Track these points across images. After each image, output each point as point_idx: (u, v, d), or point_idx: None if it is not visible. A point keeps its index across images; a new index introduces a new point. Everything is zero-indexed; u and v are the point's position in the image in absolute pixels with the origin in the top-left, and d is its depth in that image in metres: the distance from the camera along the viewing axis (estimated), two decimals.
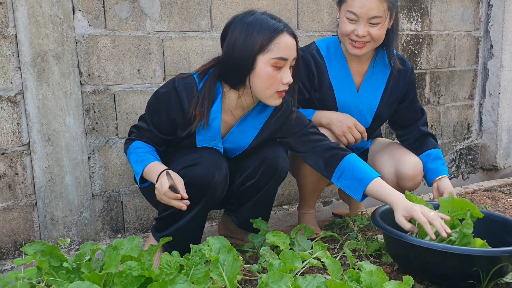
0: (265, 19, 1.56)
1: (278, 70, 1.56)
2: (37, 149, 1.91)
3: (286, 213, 2.55)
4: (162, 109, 1.63)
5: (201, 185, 1.59)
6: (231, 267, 1.25)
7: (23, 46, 1.84)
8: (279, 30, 1.54)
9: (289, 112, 1.75)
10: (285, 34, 1.55)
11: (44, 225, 1.96)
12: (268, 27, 1.54)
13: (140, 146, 1.66)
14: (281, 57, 1.54)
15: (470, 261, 1.38)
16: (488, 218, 1.68)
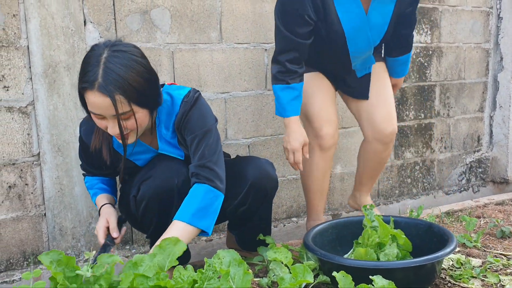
0: (87, 64, 1.41)
1: (101, 120, 1.46)
2: (47, 160, 1.91)
3: (295, 226, 2.53)
4: (86, 157, 1.71)
5: (164, 194, 1.59)
6: (242, 280, 1.24)
7: (35, 57, 1.86)
8: (84, 87, 1.40)
9: (184, 114, 1.60)
10: (91, 92, 1.39)
11: (53, 236, 1.96)
12: (82, 78, 1.42)
13: (87, 181, 1.78)
14: (92, 112, 1.45)
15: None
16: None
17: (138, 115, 1.46)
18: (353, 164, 2.72)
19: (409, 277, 1.51)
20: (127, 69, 1.40)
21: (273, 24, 2.37)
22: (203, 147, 1.58)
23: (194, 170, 1.57)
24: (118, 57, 1.40)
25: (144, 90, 1.44)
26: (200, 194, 1.53)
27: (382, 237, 1.63)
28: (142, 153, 1.67)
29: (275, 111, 1.98)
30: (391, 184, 2.90)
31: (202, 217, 1.51)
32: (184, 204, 1.53)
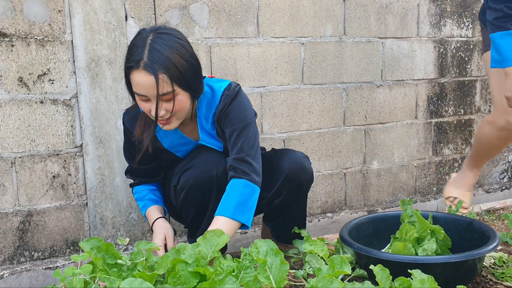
0: (135, 45, 1.47)
1: (146, 102, 1.49)
2: (89, 151, 1.98)
3: (330, 221, 2.52)
4: (130, 147, 1.72)
5: (204, 183, 1.61)
6: (279, 270, 1.24)
7: (78, 51, 1.92)
8: (130, 66, 1.45)
9: (226, 106, 1.62)
10: (137, 71, 1.44)
11: (94, 225, 2.02)
12: (128, 58, 1.47)
13: (136, 191, 1.78)
14: (137, 93, 1.48)
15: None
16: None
17: (179, 97, 1.49)
18: (390, 160, 2.68)
19: (449, 273, 1.48)
20: (171, 50, 1.45)
21: (310, 18, 2.37)
22: (241, 140, 1.60)
23: (232, 163, 1.59)
24: (163, 39, 1.46)
25: (186, 72, 1.48)
26: (238, 189, 1.55)
27: (421, 232, 1.61)
28: (183, 145, 1.71)
29: (490, 63, 1.83)
30: (429, 181, 2.84)
31: (242, 211, 1.54)
32: (224, 199, 1.56)
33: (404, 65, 2.64)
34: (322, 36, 2.41)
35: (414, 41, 2.66)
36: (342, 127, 2.53)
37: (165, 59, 1.43)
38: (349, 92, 2.52)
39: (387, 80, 2.61)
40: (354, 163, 2.59)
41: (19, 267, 1.90)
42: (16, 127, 1.88)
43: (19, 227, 1.92)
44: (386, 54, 2.59)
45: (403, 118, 2.69)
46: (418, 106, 2.73)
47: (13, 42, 1.84)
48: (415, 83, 2.70)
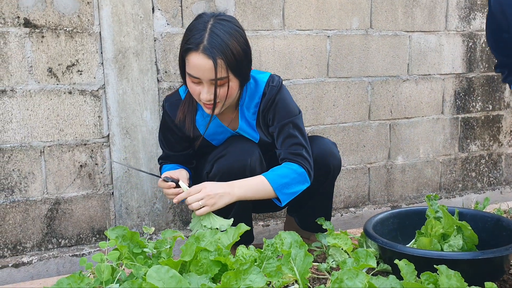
0: (196, 28, 1.50)
1: (197, 84, 1.52)
2: (115, 142, 2.01)
3: (353, 216, 2.50)
4: (166, 132, 1.75)
5: (237, 172, 1.62)
6: (303, 262, 1.25)
7: (106, 43, 1.94)
8: (190, 48, 1.49)
9: (272, 97, 1.66)
10: (195, 53, 1.47)
11: (119, 214, 2.06)
12: (188, 40, 1.50)
13: (164, 167, 1.83)
14: (191, 74, 1.51)
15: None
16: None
17: (232, 83, 1.53)
18: (414, 156, 2.64)
19: (475, 270, 1.46)
20: (231, 37, 1.49)
21: (336, 10, 2.35)
22: (296, 136, 1.65)
23: (289, 157, 1.63)
24: (223, 25, 1.50)
25: (241, 59, 1.51)
26: (294, 172, 1.61)
27: (447, 228, 1.58)
28: (220, 133, 1.73)
29: None
30: (454, 178, 2.80)
31: (286, 191, 1.59)
32: (278, 171, 1.60)
33: (431, 59, 2.60)
34: (348, 29, 2.39)
35: (442, 35, 2.61)
36: (367, 122, 2.51)
37: (224, 45, 1.46)
38: (374, 86, 2.49)
39: (413, 75, 2.57)
40: (379, 158, 2.57)
41: (47, 254, 1.95)
42: (45, 117, 1.92)
43: (47, 214, 1.97)
44: (413, 48, 2.54)
45: (429, 113, 2.64)
46: (445, 101, 2.68)
47: (43, 34, 1.88)
48: (442, 77, 2.65)
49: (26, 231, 1.94)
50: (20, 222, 1.93)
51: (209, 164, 1.69)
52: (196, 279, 1.15)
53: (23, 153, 1.91)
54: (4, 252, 1.92)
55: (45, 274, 1.92)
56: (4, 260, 1.90)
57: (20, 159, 1.90)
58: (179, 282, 1.07)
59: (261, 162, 1.66)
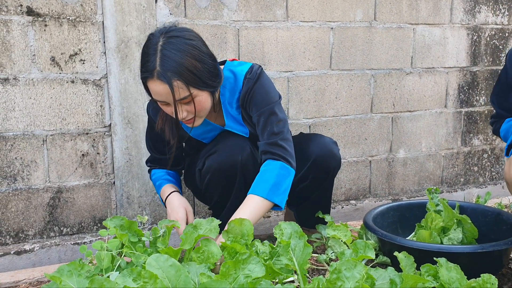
0: (146, 53, 1.46)
1: (166, 106, 1.50)
2: (117, 131, 2.01)
3: (353, 208, 2.51)
4: (152, 136, 1.75)
5: (228, 168, 1.62)
6: (302, 253, 1.25)
7: (109, 32, 1.94)
8: (145, 77, 1.47)
9: (249, 89, 1.61)
10: (152, 81, 1.44)
11: (120, 203, 2.07)
12: (142, 68, 1.48)
13: (154, 173, 1.82)
14: (155, 99, 1.50)
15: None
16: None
17: (198, 98, 1.49)
18: (416, 149, 2.64)
19: (474, 263, 1.46)
20: (183, 54, 1.43)
21: (340, 2, 2.34)
22: (272, 124, 1.59)
23: (265, 148, 1.59)
24: (173, 43, 1.43)
25: (201, 73, 1.46)
26: (275, 170, 1.55)
27: (447, 221, 1.58)
28: (209, 131, 1.72)
29: None
30: (456, 172, 2.79)
31: (276, 192, 1.54)
32: (259, 179, 1.56)
33: (435, 52, 2.58)
34: (352, 21, 2.37)
35: (447, 28, 2.59)
36: (369, 114, 2.50)
37: (178, 65, 1.41)
38: (377, 78, 2.48)
39: (417, 68, 2.56)
40: (380, 151, 2.56)
41: (49, 242, 1.96)
42: (48, 106, 1.92)
43: (49, 203, 1.98)
44: (417, 40, 2.53)
45: (432, 107, 2.64)
46: (448, 94, 2.67)
47: (46, 22, 1.88)
48: (446, 71, 2.64)
49: (28, 219, 1.96)
50: (23, 210, 1.94)
51: (200, 161, 1.69)
52: (195, 268, 1.16)
53: (26, 142, 1.91)
54: (6, 239, 1.94)
55: (47, 261, 1.93)
56: (6, 247, 1.91)
57: (22, 147, 1.91)
58: (178, 270, 1.08)
59: (253, 158, 1.65)
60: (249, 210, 1.50)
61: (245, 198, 1.55)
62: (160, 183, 1.79)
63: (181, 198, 1.71)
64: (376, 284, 1.15)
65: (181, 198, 1.71)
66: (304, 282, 1.24)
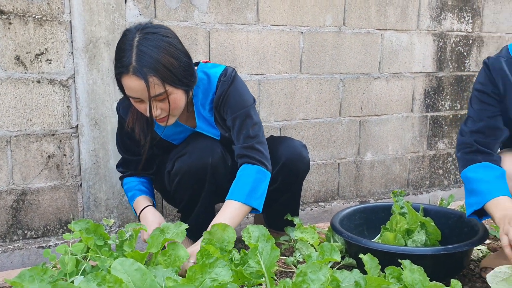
0: (121, 49, 1.45)
1: (140, 103, 1.49)
2: (84, 132, 1.98)
3: (322, 210, 2.54)
4: (124, 137, 1.72)
5: (198, 170, 1.62)
6: (269, 255, 1.26)
7: (77, 32, 1.91)
8: (120, 72, 1.45)
9: (223, 92, 1.62)
10: (127, 76, 1.43)
11: (87, 206, 2.03)
12: (117, 63, 1.47)
13: (126, 182, 1.78)
14: (129, 96, 1.48)
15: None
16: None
17: (173, 96, 1.48)
18: (383, 152, 2.69)
19: (437, 265, 1.51)
20: (159, 51, 1.42)
21: (310, 7, 2.36)
22: (247, 127, 1.61)
23: (242, 152, 1.59)
24: (150, 40, 1.43)
25: (177, 70, 1.46)
26: (252, 175, 1.56)
27: (411, 223, 1.63)
28: (180, 133, 1.71)
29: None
30: (422, 175, 2.86)
31: (254, 196, 1.55)
32: (236, 183, 1.57)
33: (402, 57, 2.65)
34: (322, 26, 2.41)
35: (414, 34, 2.66)
36: (338, 118, 2.54)
37: (154, 61, 1.40)
38: (346, 83, 2.52)
39: (384, 73, 2.62)
40: (348, 154, 2.60)
41: (12, 245, 1.91)
42: (12, 106, 1.88)
43: (13, 205, 1.93)
44: (385, 46, 2.59)
45: (398, 111, 2.70)
46: (415, 99, 2.74)
47: (11, 20, 1.83)
48: (412, 76, 2.70)
49: None
50: None
51: (170, 162, 1.68)
52: (162, 272, 1.15)
53: None
54: None
55: (9, 266, 1.88)
56: None
57: None
58: (144, 274, 1.07)
59: (224, 160, 1.66)
60: (228, 216, 1.51)
61: (224, 204, 1.56)
62: (133, 194, 1.75)
63: (155, 213, 1.69)
64: (341, 286, 1.17)
65: (155, 213, 1.68)
66: (271, 285, 1.25)
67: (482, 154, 1.53)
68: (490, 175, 1.48)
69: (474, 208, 1.48)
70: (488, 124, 1.54)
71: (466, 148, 1.56)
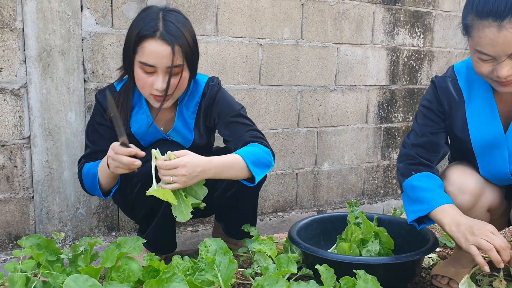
0: (149, 17, 1.51)
1: (149, 74, 1.51)
2: (37, 143, 1.92)
3: (281, 220, 2.56)
4: (96, 125, 1.70)
5: None
6: (227, 269, 1.26)
7: (30, 40, 1.85)
8: (147, 34, 1.48)
9: (213, 95, 1.70)
10: (153, 39, 1.47)
11: (40, 219, 1.97)
12: (142, 27, 1.50)
13: (90, 165, 1.69)
14: (144, 62, 1.50)
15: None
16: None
17: (184, 73, 1.54)
18: (340, 162, 2.76)
19: (390, 273, 1.55)
20: (183, 26, 1.52)
21: (268, 20, 2.40)
22: (252, 126, 1.71)
23: (252, 140, 1.65)
24: (175, 15, 1.54)
25: (194, 50, 1.55)
26: (263, 151, 1.62)
27: (365, 233, 1.67)
28: (150, 134, 1.72)
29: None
30: (377, 184, 2.95)
31: (258, 167, 1.59)
32: (248, 149, 1.60)
33: (357, 71, 2.72)
34: (280, 39, 2.45)
35: (368, 48, 2.74)
36: (296, 129, 2.58)
37: (180, 33, 1.48)
38: (303, 94, 2.57)
39: (340, 85, 2.68)
40: (306, 164, 2.65)
41: None
42: None
43: None
44: (341, 59, 2.66)
45: (354, 122, 2.77)
46: (369, 111, 2.82)
47: None
48: (367, 88, 2.79)
49: None
50: None
51: None
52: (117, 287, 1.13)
53: None
54: None
55: None
56: None
57: None
58: None
59: None
60: (229, 166, 1.53)
61: (232, 155, 1.56)
62: (96, 164, 1.66)
63: None
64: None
65: None
66: None
67: (425, 166, 1.60)
68: (434, 184, 1.54)
69: (418, 215, 1.53)
70: (430, 140, 1.62)
71: (409, 159, 1.62)
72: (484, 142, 1.55)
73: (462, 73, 1.59)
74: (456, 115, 1.58)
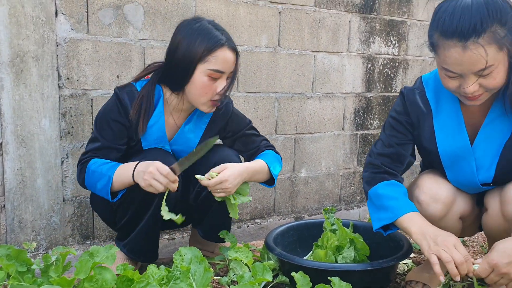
0: (209, 28, 1.63)
1: (214, 81, 1.63)
2: (9, 150, 1.88)
3: (258, 227, 2.56)
4: (110, 121, 1.67)
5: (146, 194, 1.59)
6: (202, 278, 1.26)
7: (2, 45, 1.82)
8: (220, 44, 1.61)
9: (230, 111, 1.87)
10: (225, 48, 1.62)
11: (11, 228, 1.92)
12: (210, 38, 1.61)
13: (98, 161, 1.65)
14: (217, 69, 1.61)
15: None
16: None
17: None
18: (317, 169, 2.78)
19: (365, 280, 1.57)
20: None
21: (246, 27, 2.41)
22: (260, 135, 1.95)
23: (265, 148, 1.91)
24: (220, 26, 1.72)
25: None
26: (275, 156, 1.89)
27: (341, 240, 1.68)
28: (156, 139, 1.71)
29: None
30: (353, 190, 2.98)
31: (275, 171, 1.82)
32: (266, 155, 1.85)
33: (334, 78, 2.75)
34: (258, 46, 2.46)
35: (344, 56, 2.78)
36: (274, 135, 2.59)
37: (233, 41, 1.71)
38: (281, 102, 2.58)
39: (317, 92, 2.71)
40: (284, 171, 2.66)
41: None
42: None
43: None
44: (318, 67, 2.68)
45: (331, 129, 2.80)
46: (345, 118, 2.85)
47: None
48: (343, 96, 2.82)
49: None
50: None
51: None
52: None
53: None
54: None
55: None
56: None
57: None
58: None
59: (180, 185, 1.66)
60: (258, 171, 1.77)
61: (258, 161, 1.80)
62: (113, 164, 1.63)
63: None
64: None
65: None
66: None
67: (390, 175, 1.63)
68: (399, 192, 1.57)
69: (384, 223, 1.55)
70: (396, 151, 1.65)
71: (374, 168, 1.65)
72: (452, 154, 1.57)
73: (430, 84, 1.61)
74: (424, 127, 1.61)
